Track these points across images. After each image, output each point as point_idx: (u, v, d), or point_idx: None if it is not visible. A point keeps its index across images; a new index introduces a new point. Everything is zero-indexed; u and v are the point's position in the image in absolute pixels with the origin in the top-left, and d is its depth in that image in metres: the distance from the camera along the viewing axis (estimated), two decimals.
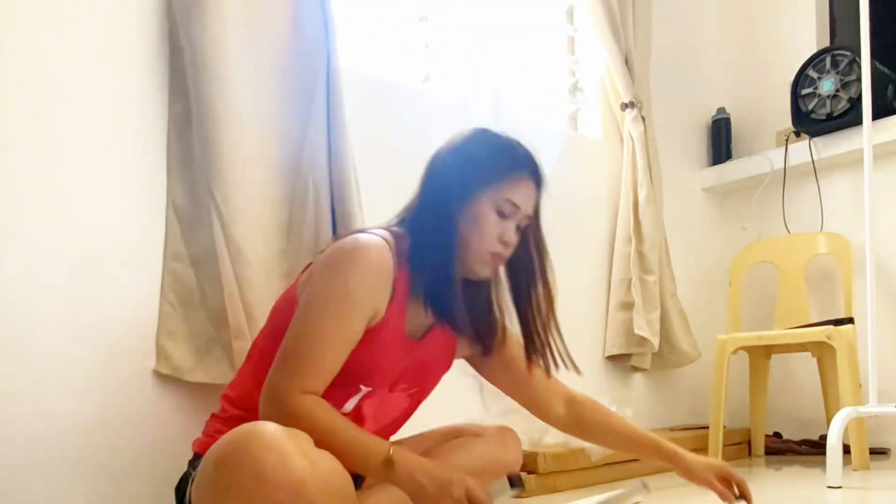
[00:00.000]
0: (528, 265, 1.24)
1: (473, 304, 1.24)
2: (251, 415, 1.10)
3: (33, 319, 1.30)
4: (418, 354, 1.22)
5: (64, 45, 1.36)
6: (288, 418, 1.00)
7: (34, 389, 1.29)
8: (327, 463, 0.96)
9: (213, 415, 1.21)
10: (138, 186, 1.44)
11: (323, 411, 1.04)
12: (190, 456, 1.16)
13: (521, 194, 1.18)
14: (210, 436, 1.16)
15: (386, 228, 1.20)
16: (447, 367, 1.31)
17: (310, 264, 1.21)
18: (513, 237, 1.18)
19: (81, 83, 1.38)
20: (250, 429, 0.91)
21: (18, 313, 1.28)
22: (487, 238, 1.16)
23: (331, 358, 1.07)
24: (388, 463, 1.01)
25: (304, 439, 0.96)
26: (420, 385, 1.26)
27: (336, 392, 1.13)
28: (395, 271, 1.13)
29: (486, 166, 1.18)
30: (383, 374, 1.18)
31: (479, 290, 1.25)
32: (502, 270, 1.24)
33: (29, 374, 1.29)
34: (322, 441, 0.99)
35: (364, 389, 1.16)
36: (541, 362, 1.30)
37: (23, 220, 1.29)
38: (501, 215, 1.17)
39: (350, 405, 1.17)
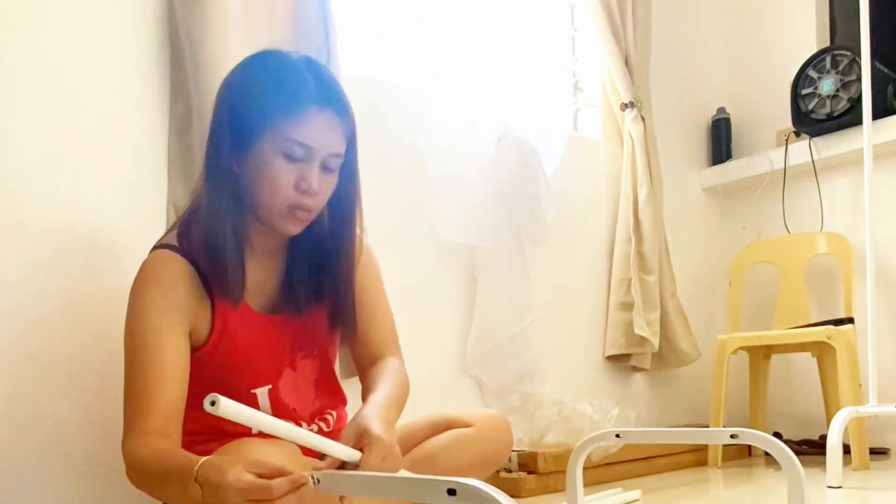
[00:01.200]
0: (338, 212, 1.12)
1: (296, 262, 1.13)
2: (191, 436, 1.08)
3: (33, 319, 1.29)
4: (291, 324, 1.14)
5: (64, 44, 1.36)
6: (127, 469, 0.96)
7: (34, 389, 1.29)
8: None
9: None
10: (139, 186, 1.44)
11: (149, 452, 0.94)
12: None
13: (312, 130, 1.01)
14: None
15: (180, 224, 1.10)
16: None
17: None
18: (314, 183, 1.03)
19: (82, 83, 1.37)
20: (236, 447, 0.91)
21: (19, 313, 1.28)
22: (279, 188, 1.01)
23: (156, 391, 0.98)
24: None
25: (290, 449, 0.94)
26: (317, 346, 1.18)
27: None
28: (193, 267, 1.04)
29: (258, 105, 1.01)
30: (266, 364, 1.11)
31: (304, 243, 1.13)
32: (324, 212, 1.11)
33: (29, 373, 1.29)
34: (149, 484, 0.93)
35: (260, 391, 1.10)
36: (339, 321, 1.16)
37: (23, 219, 1.29)
38: (291, 159, 1.01)
39: (266, 410, 1.10)
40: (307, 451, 1.00)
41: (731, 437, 1.10)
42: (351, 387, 1.67)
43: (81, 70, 1.38)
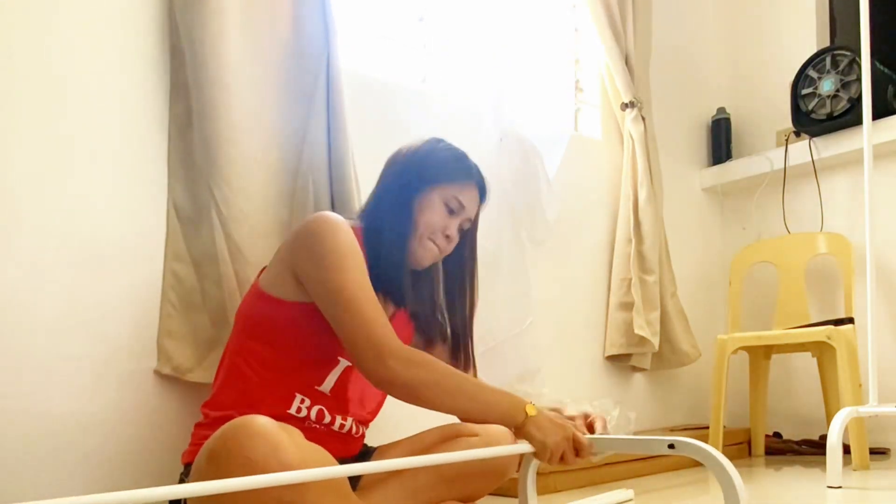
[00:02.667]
0: (461, 265, 1.37)
1: (418, 295, 1.34)
2: (232, 414, 1.11)
3: (34, 319, 1.30)
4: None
5: (64, 44, 1.36)
6: (414, 366, 1.08)
7: (35, 389, 1.29)
8: (319, 455, 0.96)
9: (196, 424, 1.22)
10: (139, 186, 1.44)
11: (438, 360, 1.12)
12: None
13: (467, 197, 1.31)
14: (196, 444, 1.17)
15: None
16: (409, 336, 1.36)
17: (264, 269, 1.25)
18: (454, 233, 1.30)
19: (81, 83, 1.38)
20: (240, 421, 0.92)
21: (19, 313, 1.28)
22: (434, 226, 1.27)
23: (378, 304, 1.12)
24: (526, 416, 1.14)
25: (295, 432, 0.96)
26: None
27: (311, 370, 1.18)
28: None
29: (441, 166, 1.30)
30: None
31: (423, 285, 1.35)
32: (440, 268, 1.36)
33: (30, 373, 1.29)
34: (453, 388, 1.09)
35: (343, 363, 1.19)
36: (459, 357, 1.38)
37: (24, 219, 1.29)
38: (449, 211, 1.29)
39: (330, 382, 1.19)
40: (311, 439, 1.01)
41: (670, 447, 1.14)
42: None
43: (81, 70, 1.38)
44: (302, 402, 1.18)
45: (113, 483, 1.37)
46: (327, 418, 1.21)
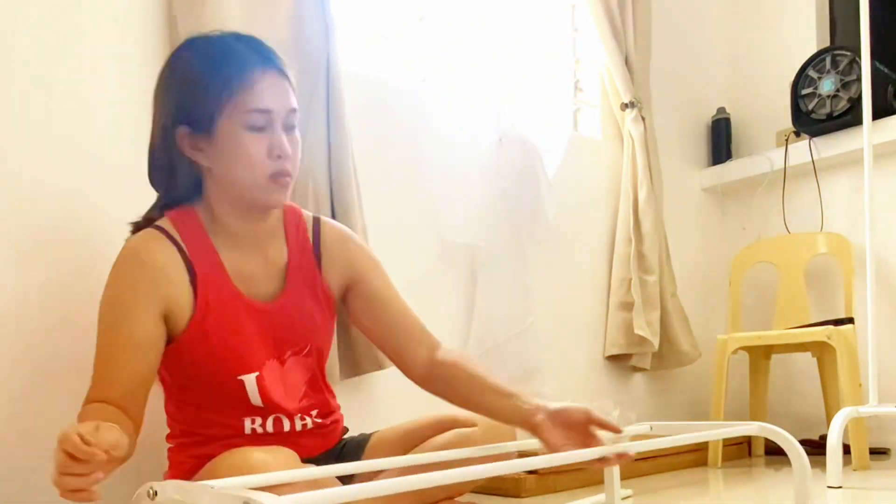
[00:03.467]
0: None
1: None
2: (189, 431, 1.12)
3: (34, 319, 1.29)
4: (282, 310, 1.13)
5: (64, 44, 1.36)
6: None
7: (35, 389, 1.29)
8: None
9: (169, 448, 1.21)
10: (139, 186, 1.43)
11: (82, 411, 1.00)
12: None
13: (264, 93, 1.02)
14: (175, 467, 1.16)
15: (171, 210, 1.12)
16: (327, 304, 1.19)
17: None
18: (286, 146, 1.04)
19: (81, 82, 1.37)
20: (235, 459, 0.92)
21: (19, 313, 1.28)
22: (254, 160, 1.02)
23: (119, 366, 1.02)
24: None
25: (287, 456, 0.96)
26: (310, 340, 1.17)
27: (229, 404, 1.10)
28: (180, 242, 1.07)
29: (207, 84, 1.02)
30: (253, 351, 1.10)
31: None
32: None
33: (30, 373, 1.29)
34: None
35: (247, 377, 1.09)
36: None
37: (23, 219, 1.29)
38: (256, 129, 1.02)
39: (255, 399, 1.10)
40: (290, 446, 1.01)
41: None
42: (351, 387, 1.68)
43: (81, 70, 1.38)
44: (253, 422, 1.12)
45: (115, 482, 1.37)
46: (287, 425, 1.15)
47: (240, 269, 1.11)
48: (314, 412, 1.20)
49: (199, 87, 1.02)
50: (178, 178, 1.09)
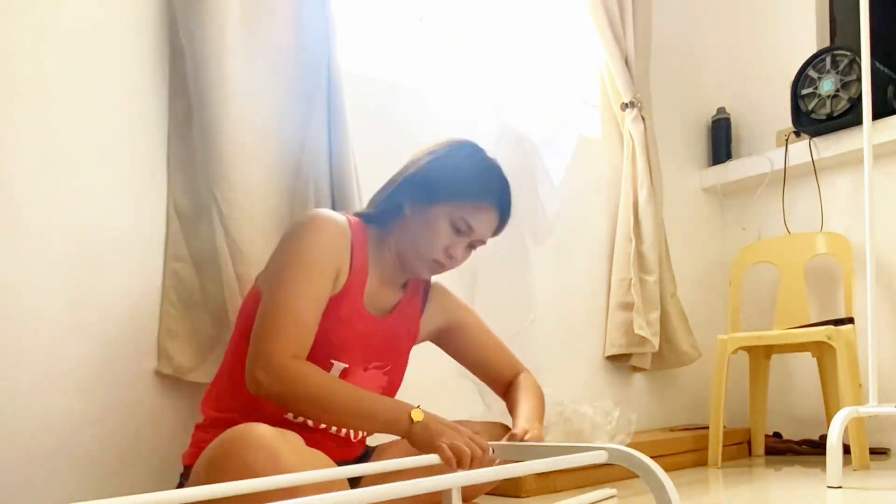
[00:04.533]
0: None
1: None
2: (233, 416, 1.12)
3: (34, 319, 1.30)
4: (384, 330, 1.26)
5: (64, 44, 1.36)
6: (283, 382, 1.04)
7: (35, 388, 1.29)
8: (318, 460, 0.97)
9: (196, 425, 1.22)
10: (139, 186, 1.44)
11: (320, 373, 1.08)
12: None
13: (480, 220, 1.23)
14: (196, 446, 1.18)
15: (358, 218, 1.29)
16: (412, 340, 1.37)
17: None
18: (459, 253, 1.25)
19: (82, 83, 1.38)
20: (239, 430, 0.92)
21: (19, 312, 1.28)
22: (434, 245, 1.22)
23: (307, 318, 1.10)
24: (411, 422, 1.08)
25: (294, 439, 0.96)
26: (392, 361, 1.29)
27: None
28: (352, 240, 1.20)
29: (459, 182, 1.23)
30: (352, 347, 1.20)
31: None
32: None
33: (30, 373, 1.29)
34: (327, 402, 1.04)
35: (337, 365, 1.18)
36: None
37: (23, 219, 1.29)
38: (456, 231, 1.22)
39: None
40: (311, 443, 1.01)
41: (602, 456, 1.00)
42: None
43: (81, 70, 1.38)
44: None
45: (113, 483, 1.37)
46: (334, 427, 1.22)
47: (372, 284, 1.26)
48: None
49: (456, 179, 1.23)
50: (387, 208, 1.28)
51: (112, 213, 1.40)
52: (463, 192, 1.22)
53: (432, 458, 1.04)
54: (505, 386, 1.42)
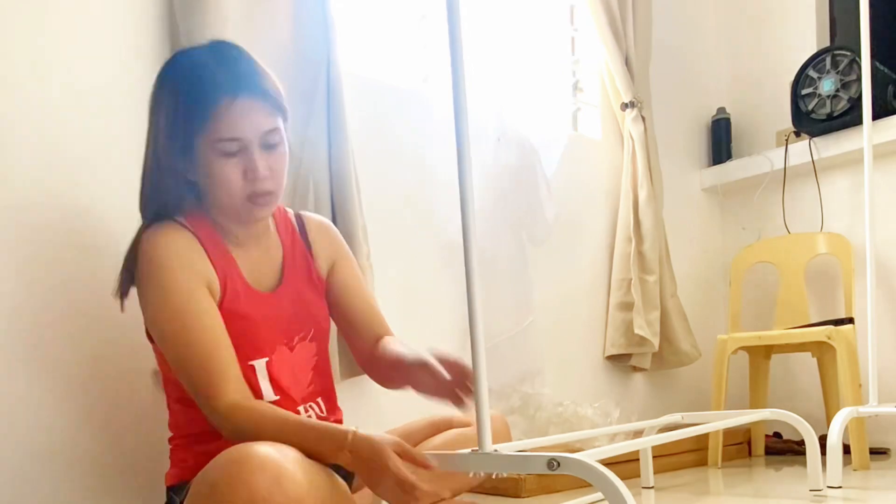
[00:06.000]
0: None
1: None
2: (202, 429, 1.10)
3: (33, 318, 1.29)
4: (287, 297, 1.18)
5: (64, 43, 1.36)
6: (237, 432, 0.98)
7: (31, 388, 1.29)
8: (321, 476, 0.95)
9: (172, 445, 1.20)
10: (139, 186, 1.44)
11: (257, 414, 1.00)
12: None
13: (232, 122, 1.02)
14: (177, 465, 1.16)
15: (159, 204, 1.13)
16: (321, 284, 1.26)
17: None
18: (259, 169, 1.05)
19: (81, 82, 1.37)
20: (240, 450, 0.89)
21: (19, 312, 1.28)
22: (229, 185, 1.05)
23: (213, 350, 1.03)
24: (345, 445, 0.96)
25: (293, 454, 0.93)
26: (311, 323, 1.21)
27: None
28: (199, 239, 1.09)
29: (184, 112, 1.03)
30: (262, 337, 1.13)
31: None
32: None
33: (29, 373, 1.29)
34: (268, 434, 0.96)
35: (258, 362, 1.12)
36: None
37: (23, 219, 1.29)
38: (229, 154, 1.04)
39: (266, 388, 1.13)
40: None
41: (550, 465, 0.91)
42: (351, 387, 1.67)
43: (81, 70, 1.38)
44: None
45: (110, 482, 1.37)
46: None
47: (245, 263, 1.16)
48: (320, 399, 1.22)
49: (179, 113, 1.04)
50: (172, 192, 1.11)
51: (111, 212, 1.40)
52: (193, 116, 1.02)
53: None
54: (372, 344, 1.26)
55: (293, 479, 0.87)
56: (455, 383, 1.10)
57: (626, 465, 1.92)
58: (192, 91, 1.03)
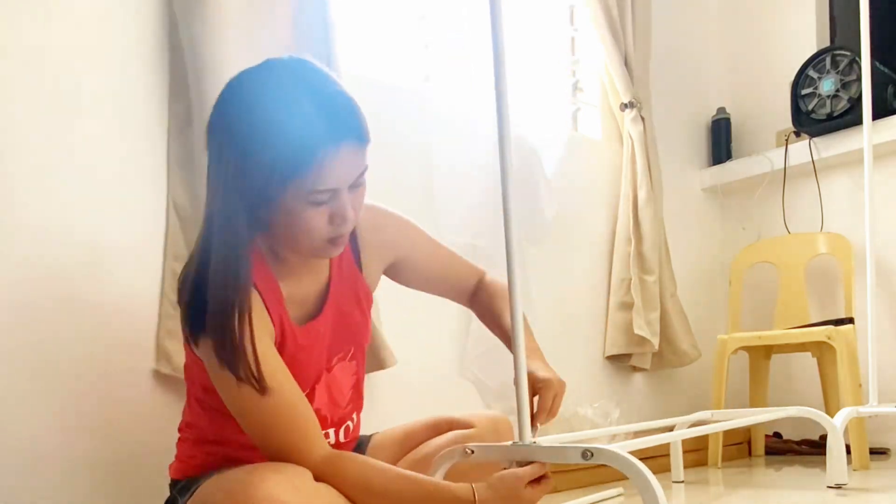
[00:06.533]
0: None
1: None
2: (204, 437, 1.09)
3: (33, 318, 1.29)
4: (326, 324, 1.12)
5: (63, 42, 1.36)
6: (331, 481, 0.95)
7: (33, 388, 1.29)
8: (327, 497, 0.93)
9: (179, 438, 1.18)
10: (139, 185, 1.44)
11: (356, 459, 0.99)
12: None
13: (332, 174, 0.93)
14: (183, 461, 1.14)
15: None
16: (367, 300, 1.20)
17: None
18: (348, 214, 0.97)
19: (81, 83, 1.37)
20: (245, 484, 0.87)
21: (19, 312, 1.28)
22: (314, 232, 0.97)
23: (306, 418, 0.98)
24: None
25: (300, 480, 0.91)
26: (352, 342, 1.17)
27: None
28: (258, 288, 0.99)
29: (269, 160, 0.90)
30: (306, 372, 1.09)
31: None
32: None
33: (29, 373, 1.29)
34: (379, 488, 0.94)
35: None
36: None
37: (23, 219, 1.29)
38: (319, 204, 0.95)
39: None
40: (317, 477, 0.97)
41: (584, 455, 0.99)
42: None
43: (81, 70, 1.37)
44: None
45: (111, 483, 1.37)
46: (332, 437, 1.16)
47: (293, 294, 1.08)
48: (355, 414, 1.21)
49: (263, 159, 0.91)
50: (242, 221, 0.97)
51: (111, 212, 1.40)
52: (285, 168, 0.90)
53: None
54: (470, 294, 1.31)
55: (312, 489, 0.87)
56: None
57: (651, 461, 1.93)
58: (283, 139, 0.90)
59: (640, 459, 0.95)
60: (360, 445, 1.28)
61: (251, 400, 0.94)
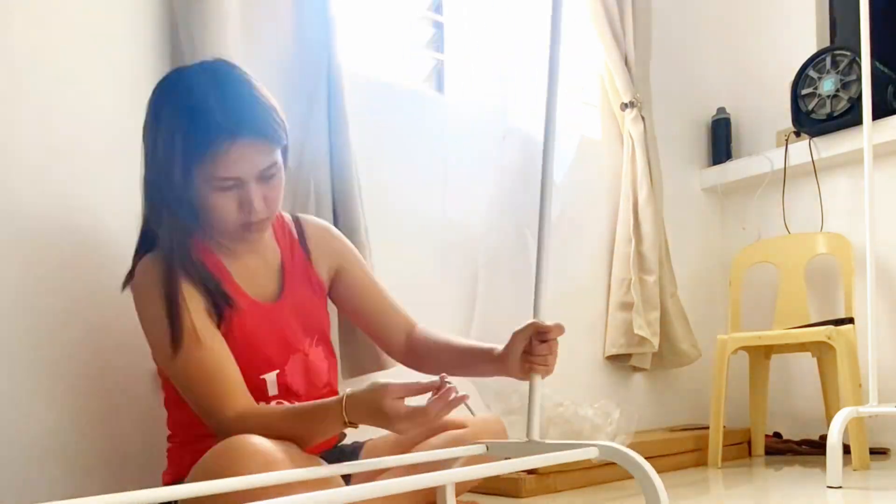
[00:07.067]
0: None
1: None
2: (187, 437, 1.13)
3: (34, 318, 1.29)
4: (289, 305, 1.19)
5: (64, 43, 1.36)
6: (244, 433, 0.98)
7: (33, 388, 1.29)
8: (310, 463, 0.96)
9: (168, 448, 1.21)
10: (139, 185, 1.44)
11: (259, 418, 1.01)
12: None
13: (231, 164, 1.02)
14: (174, 464, 1.17)
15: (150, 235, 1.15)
16: (322, 289, 1.27)
17: None
18: (255, 203, 1.06)
19: (81, 83, 1.37)
20: (233, 441, 0.91)
21: (19, 312, 1.28)
22: (224, 217, 1.07)
23: (225, 375, 1.04)
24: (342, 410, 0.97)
25: (291, 448, 0.95)
26: (316, 329, 1.23)
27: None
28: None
29: (183, 148, 1.01)
30: (274, 350, 1.14)
31: None
32: None
33: (29, 373, 1.29)
34: (279, 431, 0.98)
35: (268, 376, 1.14)
36: None
37: (23, 219, 1.29)
38: (225, 189, 1.05)
39: (273, 390, 1.14)
40: (309, 449, 1.01)
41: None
42: (353, 387, 1.67)
43: (81, 70, 1.38)
44: None
45: (111, 483, 1.37)
46: None
47: (243, 275, 1.17)
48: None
49: (176, 144, 1.02)
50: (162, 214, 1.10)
51: (112, 212, 1.40)
52: (191, 154, 1.01)
53: (424, 456, 1.04)
54: (404, 339, 1.30)
55: (283, 466, 0.89)
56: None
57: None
58: (191, 128, 1.01)
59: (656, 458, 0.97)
60: (355, 450, 1.30)
61: (184, 350, 1.03)
